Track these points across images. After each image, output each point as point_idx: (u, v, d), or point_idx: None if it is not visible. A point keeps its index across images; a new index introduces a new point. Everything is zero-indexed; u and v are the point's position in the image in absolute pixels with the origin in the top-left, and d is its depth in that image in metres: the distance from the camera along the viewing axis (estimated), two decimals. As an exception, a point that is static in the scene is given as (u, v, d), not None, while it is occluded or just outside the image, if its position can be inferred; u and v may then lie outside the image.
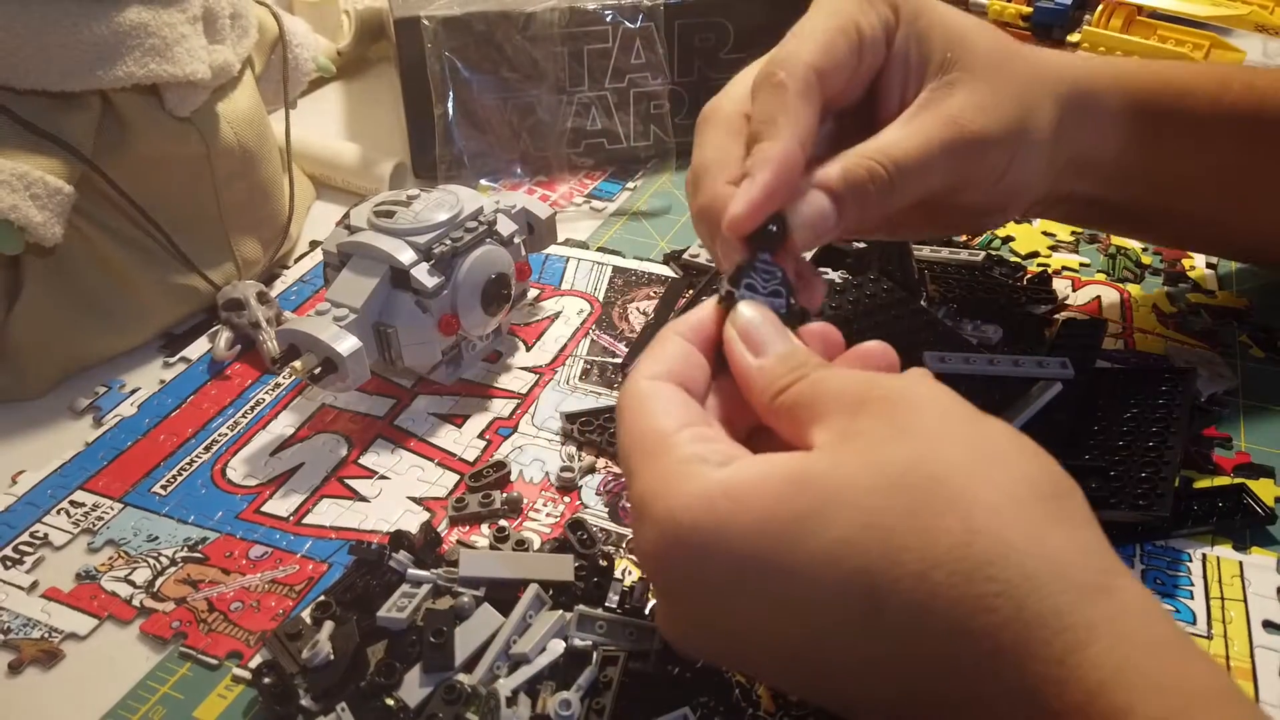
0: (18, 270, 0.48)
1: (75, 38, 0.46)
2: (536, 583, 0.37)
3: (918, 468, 0.26)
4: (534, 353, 0.52)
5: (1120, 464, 0.42)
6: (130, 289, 0.52)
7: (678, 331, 0.34)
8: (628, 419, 0.31)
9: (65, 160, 0.47)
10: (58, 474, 0.45)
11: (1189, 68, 0.47)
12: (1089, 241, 0.61)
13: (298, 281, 0.59)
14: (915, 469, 0.26)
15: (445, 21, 0.63)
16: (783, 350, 0.32)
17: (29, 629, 0.38)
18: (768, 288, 0.34)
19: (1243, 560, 0.40)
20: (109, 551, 0.41)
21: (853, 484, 0.26)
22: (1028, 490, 0.26)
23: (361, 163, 0.67)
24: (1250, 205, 0.47)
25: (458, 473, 0.45)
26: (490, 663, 0.35)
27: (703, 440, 0.30)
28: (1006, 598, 0.24)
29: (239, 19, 0.55)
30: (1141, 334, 0.53)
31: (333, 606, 0.37)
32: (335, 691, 0.35)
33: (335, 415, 0.49)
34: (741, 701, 0.35)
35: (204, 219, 0.54)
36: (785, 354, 0.32)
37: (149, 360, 0.53)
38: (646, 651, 0.35)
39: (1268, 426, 0.47)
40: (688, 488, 0.28)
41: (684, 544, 0.28)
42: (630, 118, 0.68)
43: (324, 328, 0.43)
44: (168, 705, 0.36)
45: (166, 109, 0.50)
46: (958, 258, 0.57)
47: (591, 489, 0.44)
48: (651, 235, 0.63)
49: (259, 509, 0.43)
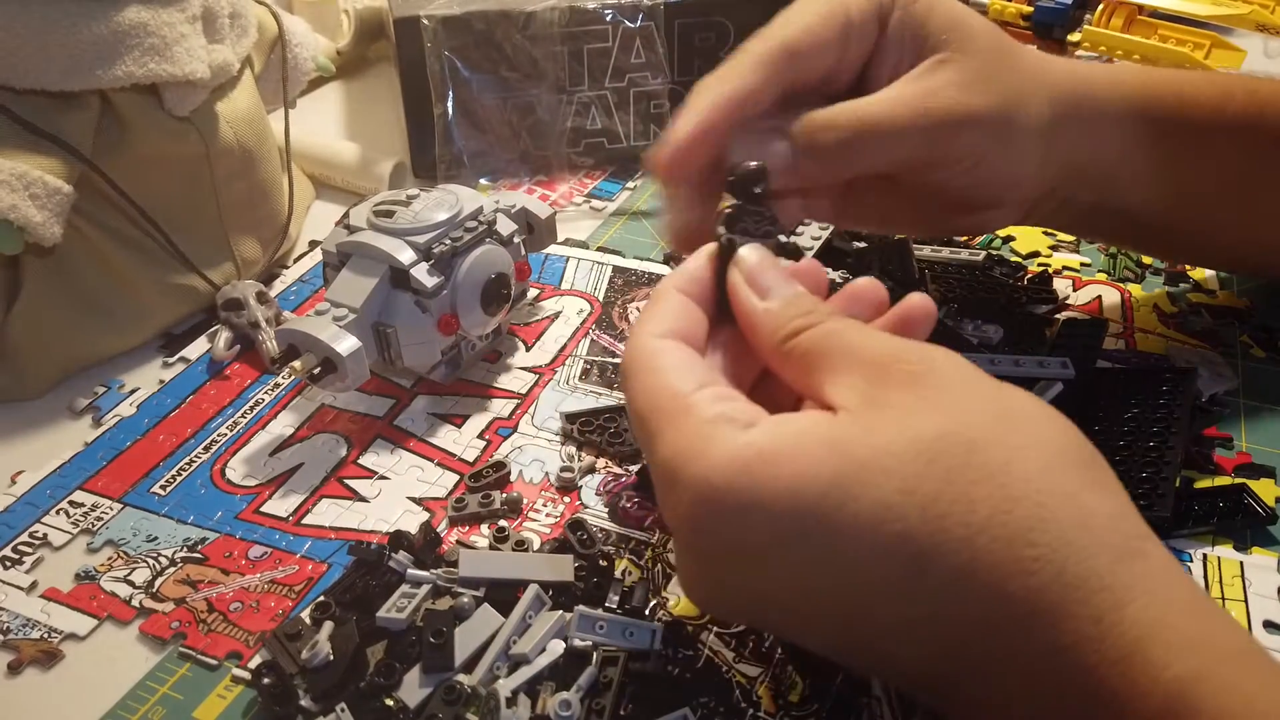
0: (17, 270, 0.48)
1: (75, 37, 0.46)
2: (536, 583, 0.37)
3: (952, 437, 0.27)
4: (534, 353, 0.52)
5: (1121, 464, 0.42)
6: (129, 289, 0.52)
7: (675, 286, 0.34)
8: (642, 379, 0.31)
9: (65, 160, 0.47)
10: (57, 474, 0.45)
11: (1191, 76, 0.47)
12: (1089, 241, 0.61)
13: (297, 281, 0.59)
14: (949, 438, 0.27)
15: (445, 21, 0.63)
16: (788, 294, 0.32)
17: (28, 629, 0.38)
18: (759, 229, 0.34)
19: (1243, 560, 0.40)
20: (108, 552, 0.41)
21: (888, 451, 0.27)
22: (1059, 458, 0.27)
23: (361, 162, 0.67)
24: (1253, 217, 0.47)
25: (457, 473, 0.45)
26: (490, 663, 0.35)
27: (724, 400, 0.30)
28: (1046, 561, 0.25)
29: (238, 18, 0.55)
30: (1142, 334, 0.52)
31: (332, 607, 0.37)
32: (335, 692, 0.35)
33: (335, 415, 0.49)
34: (741, 702, 0.35)
35: (203, 219, 0.54)
36: (791, 297, 0.32)
37: (148, 360, 0.53)
38: (646, 651, 0.35)
39: (1268, 426, 0.47)
40: (719, 450, 0.28)
41: (721, 506, 0.27)
42: (630, 117, 0.68)
43: (323, 328, 0.43)
44: (167, 705, 0.36)
45: (166, 108, 0.50)
46: (958, 257, 0.57)
47: (591, 489, 0.44)
48: (651, 235, 0.63)
49: (258, 509, 0.43)
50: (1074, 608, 0.25)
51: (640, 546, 0.41)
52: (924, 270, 0.55)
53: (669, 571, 0.40)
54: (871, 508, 0.26)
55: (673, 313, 0.33)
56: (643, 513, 0.42)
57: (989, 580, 0.25)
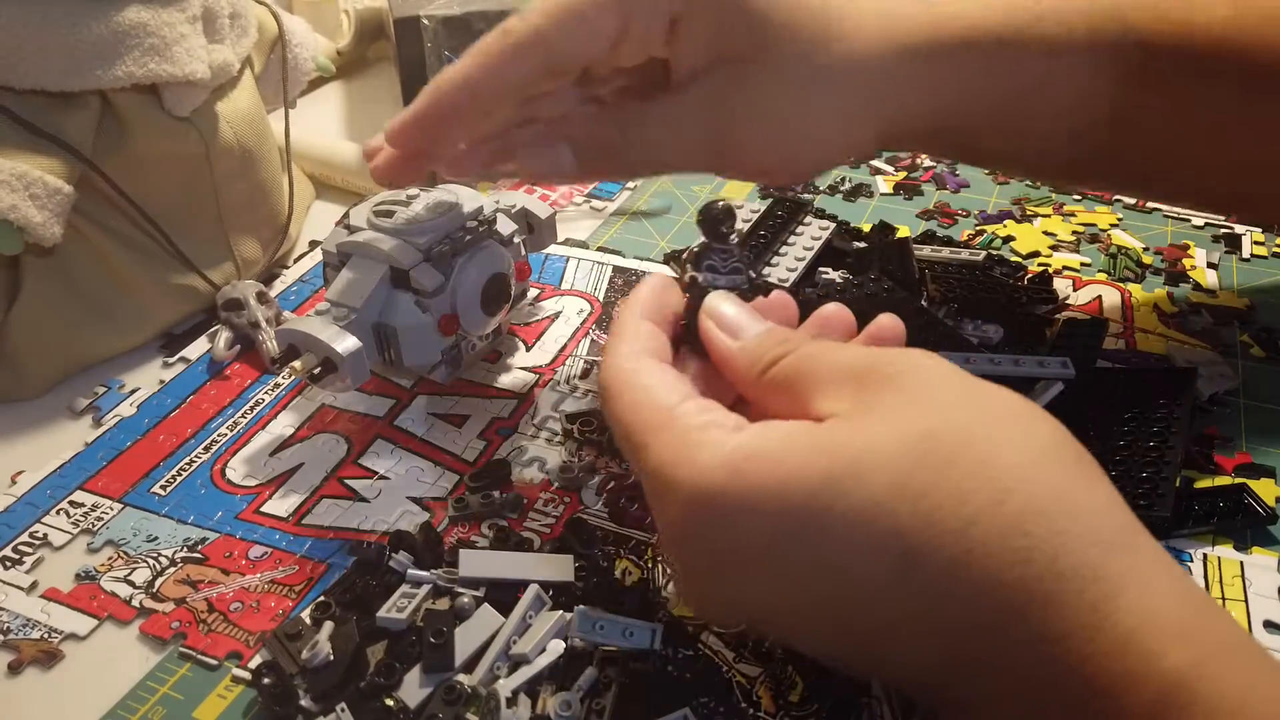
0: (17, 270, 0.48)
1: (75, 37, 0.46)
2: (536, 583, 0.37)
3: (940, 434, 0.27)
4: (534, 353, 0.52)
5: (1121, 464, 0.42)
6: (130, 289, 0.52)
7: (637, 313, 0.34)
8: (625, 397, 0.31)
9: (65, 160, 0.47)
10: (57, 474, 0.45)
11: None
12: (1090, 241, 0.61)
13: (297, 281, 0.59)
14: (938, 435, 0.27)
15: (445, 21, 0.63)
16: (760, 329, 0.33)
17: (28, 629, 0.38)
18: (727, 266, 0.35)
19: (1243, 560, 0.40)
20: (108, 552, 0.41)
21: (877, 450, 0.27)
22: (1048, 453, 0.27)
23: (361, 162, 0.67)
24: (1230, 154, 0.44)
25: (458, 473, 0.45)
26: (490, 663, 0.35)
27: (709, 410, 0.30)
28: (1040, 551, 0.25)
29: (238, 18, 0.55)
30: (1142, 334, 0.52)
31: (332, 607, 0.37)
32: (335, 692, 0.35)
33: (335, 415, 0.49)
34: (741, 702, 0.35)
35: (203, 219, 0.54)
36: (764, 332, 0.33)
37: (148, 360, 0.53)
38: (646, 651, 0.35)
39: (1268, 426, 0.47)
40: (708, 454, 0.28)
41: (712, 509, 0.28)
42: (630, 117, 0.68)
43: (323, 328, 0.43)
44: (167, 705, 0.36)
45: (166, 108, 0.50)
46: (958, 257, 0.57)
47: (591, 489, 0.44)
48: (651, 235, 0.63)
49: (258, 509, 0.43)
50: (1069, 597, 0.25)
51: (640, 546, 0.41)
52: (924, 270, 0.55)
53: (669, 571, 0.40)
54: (861, 505, 0.26)
55: (644, 335, 0.33)
56: (643, 513, 0.42)
57: (983, 571, 0.26)
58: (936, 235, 0.62)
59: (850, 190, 0.68)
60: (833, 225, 0.58)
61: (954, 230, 0.63)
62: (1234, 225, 0.63)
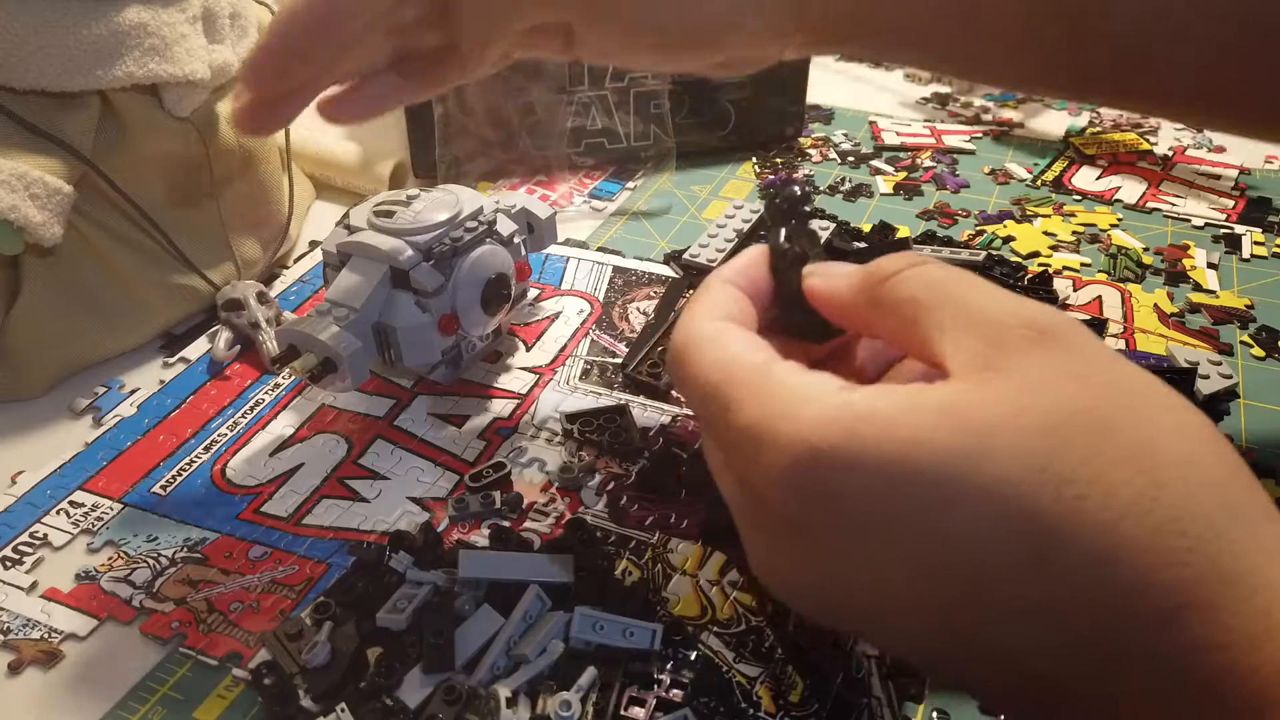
0: (17, 270, 0.48)
1: (75, 37, 0.46)
2: (536, 583, 0.37)
3: (1088, 413, 0.25)
4: (534, 353, 0.52)
5: (1121, 464, 0.42)
6: (130, 289, 0.52)
7: (728, 279, 0.32)
8: (709, 353, 0.29)
9: (65, 160, 0.47)
10: (57, 474, 0.45)
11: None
12: (1090, 241, 0.61)
13: (297, 281, 0.59)
14: (1085, 414, 0.24)
15: (445, 21, 0.63)
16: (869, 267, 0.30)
17: (29, 629, 0.38)
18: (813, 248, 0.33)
19: (1244, 560, 0.40)
20: (109, 552, 0.41)
21: (1013, 423, 0.24)
22: (1202, 446, 0.25)
23: (361, 163, 0.67)
24: None
25: (458, 473, 0.45)
26: (490, 663, 0.35)
27: (806, 371, 0.27)
28: (1199, 554, 0.23)
29: (238, 18, 0.55)
30: (1142, 334, 0.53)
31: (332, 607, 0.37)
32: (335, 692, 0.35)
33: (335, 415, 0.49)
34: (741, 702, 0.35)
35: (203, 219, 0.54)
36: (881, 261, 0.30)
37: (148, 360, 0.53)
38: (646, 651, 0.35)
39: (1268, 426, 0.47)
40: (816, 410, 0.25)
41: (823, 467, 0.25)
42: (630, 117, 0.68)
43: (324, 328, 0.43)
44: (168, 705, 0.36)
45: (166, 109, 0.50)
46: (959, 258, 0.57)
47: (591, 489, 0.44)
48: (651, 235, 0.63)
49: (258, 509, 0.43)
50: (1235, 604, 0.23)
51: (640, 546, 0.41)
52: (924, 270, 0.55)
53: (669, 571, 0.40)
54: (993, 483, 0.24)
55: (727, 301, 0.31)
56: (643, 513, 0.42)
57: (1134, 569, 0.23)
58: (936, 235, 0.62)
59: (850, 190, 0.68)
60: (833, 225, 0.58)
61: (954, 230, 0.63)
62: (1234, 225, 0.63)
